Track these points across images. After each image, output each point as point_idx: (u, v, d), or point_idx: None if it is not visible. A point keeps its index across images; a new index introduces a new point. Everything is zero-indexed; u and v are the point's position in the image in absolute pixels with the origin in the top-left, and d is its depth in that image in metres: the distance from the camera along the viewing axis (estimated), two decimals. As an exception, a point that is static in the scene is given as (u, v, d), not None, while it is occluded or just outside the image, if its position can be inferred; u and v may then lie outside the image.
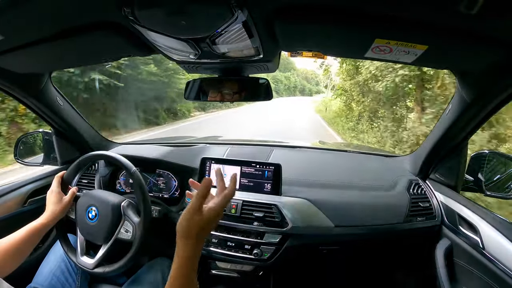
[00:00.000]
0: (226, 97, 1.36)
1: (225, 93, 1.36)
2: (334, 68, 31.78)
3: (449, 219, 1.46)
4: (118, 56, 1.24)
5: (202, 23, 0.83)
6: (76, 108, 1.80)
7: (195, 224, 0.83)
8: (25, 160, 1.90)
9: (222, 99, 1.38)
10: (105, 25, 0.92)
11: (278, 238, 1.49)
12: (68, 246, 1.34)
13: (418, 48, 0.87)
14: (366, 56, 0.98)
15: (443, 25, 0.76)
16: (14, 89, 1.43)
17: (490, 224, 1.20)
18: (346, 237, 1.49)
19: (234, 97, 1.37)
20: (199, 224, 0.84)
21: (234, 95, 1.36)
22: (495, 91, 1.06)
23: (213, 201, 0.89)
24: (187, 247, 0.83)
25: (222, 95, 1.36)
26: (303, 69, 59.46)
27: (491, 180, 1.44)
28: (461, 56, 0.98)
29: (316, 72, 67.33)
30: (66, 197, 1.31)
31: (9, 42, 1.00)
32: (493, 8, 0.64)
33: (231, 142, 2.27)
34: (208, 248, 1.57)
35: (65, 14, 0.86)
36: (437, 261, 1.41)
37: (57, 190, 1.31)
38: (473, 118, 1.24)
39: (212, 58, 1.15)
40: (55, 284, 1.32)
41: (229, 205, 1.54)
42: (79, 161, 1.38)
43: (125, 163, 1.32)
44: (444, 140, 1.43)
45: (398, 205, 1.52)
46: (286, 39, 0.99)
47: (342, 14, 0.77)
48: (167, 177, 1.82)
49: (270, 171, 1.58)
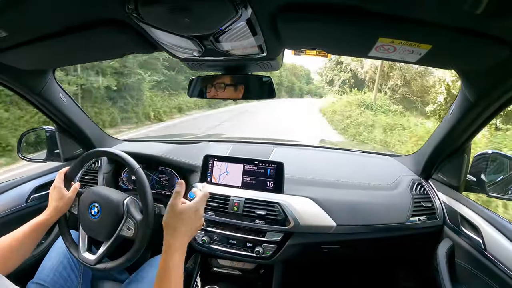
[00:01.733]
0: (229, 94, 1.36)
1: (228, 91, 1.36)
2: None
3: (451, 220, 1.45)
4: (121, 53, 1.24)
5: (205, 21, 0.83)
6: (79, 104, 1.81)
7: (175, 218, 0.96)
8: (28, 156, 1.91)
9: (225, 96, 1.38)
10: (109, 22, 0.92)
11: (280, 236, 1.49)
12: (70, 242, 1.34)
13: (422, 47, 0.87)
14: (370, 55, 0.98)
15: (448, 25, 0.76)
16: (18, 85, 1.43)
17: (492, 225, 1.20)
18: (348, 236, 1.49)
19: (237, 94, 1.37)
20: (179, 218, 0.96)
21: (237, 92, 1.36)
22: (499, 91, 1.05)
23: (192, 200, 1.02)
24: (171, 239, 0.94)
25: (225, 92, 1.37)
26: (291, 64, 50.96)
27: (494, 181, 1.43)
28: (465, 55, 0.97)
29: (305, 67, 61.78)
30: (69, 192, 1.31)
31: (12, 38, 1.00)
32: (498, 7, 0.63)
33: (233, 140, 2.27)
34: (210, 245, 1.58)
35: (69, 11, 0.86)
36: (439, 261, 1.40)
37: (59, 185, 1.31)
38: (476, 118, 1.24)
39: (215, 55, 1.15)
40: (58, 280, 1.32)
41: (231, 203, 1.55)
42: (82, 157, 1.38)
43: (128, 160, 1.32)
44: (447, 140, 1.43)
45: (401, 205, 1.52)
46: (289, 37, 0.99)
47: (346, 12, 0.77)
48: (170, 174, 1.82)
49: (273, 169, 1.58)
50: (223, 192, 1.61)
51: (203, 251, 1.64)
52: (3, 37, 0.95)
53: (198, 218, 1.00)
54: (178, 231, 0.95)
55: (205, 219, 1.57)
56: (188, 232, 0.97)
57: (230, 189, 1.62)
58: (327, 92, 35.14)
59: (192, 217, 0.98)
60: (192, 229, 0.98)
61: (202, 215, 1.02)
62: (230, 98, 1.39)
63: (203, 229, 1.59)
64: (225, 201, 1.58)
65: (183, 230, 0.96)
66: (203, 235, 1.60)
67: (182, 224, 0.96)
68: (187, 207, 0.98)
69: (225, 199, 1.58)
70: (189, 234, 0.98)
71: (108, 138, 2.13)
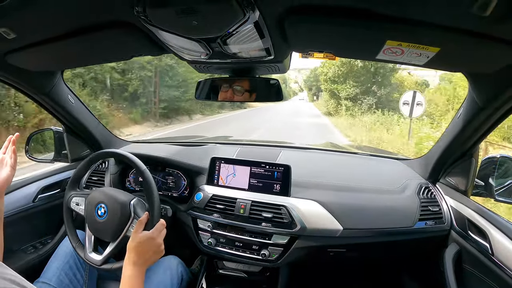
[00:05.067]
0: (237, 97, 1.37)
1: (236, 93, 1.36)
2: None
3: (459, 224, 1.44)
4: (129, 55, 1.25)
5: (213, 24, 0.84)
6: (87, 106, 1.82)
7: (135, 243, 1.11)
8: (36, 157, 1.93)
9: (232, 99, 1.39)
10: (117, 24, 0.93)
11: (286, 239, 1.49)
12: (76, 242, 1.35)
13: (430, 50, 0.87)
14: (378, 58, 0.98)
15: (456, 27, 0.76)
16: (26, 86, 1.45)
17: (500, 230, 1.19)
18: (355, 240, 1.48)
19: (244, 97, 1.37)
20: (138, 243, 1.11)
21: (244, 95, 1.36)
22: (508, 95, 1.04)
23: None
24: (129, 259, 1.09)
25: (233, 95, 1.37)
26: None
27: (502, 185, 1.42)
28: (473, 59, 0.97)
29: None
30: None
31: (21, 40, 1.02)
32: (506, 10, 0.63)
33: (241, 143, 2.28)
34: (216, 247, 1.58)
35: (77, 13, 0.87)
36: (445, 266, 1.39)
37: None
38: (484, 121, 1.23)
39: (223, 58, 1.15)
40: (63, 280, 1.33)
41: (238, 205, 1.55)
42: (90, 158, 1.39)
43: (135, 161, 1.32)
44: (455, 144, 1.42)
45: (408, 209, 1.50)
46: (297, 40, 0.99)
47: (353, 15, 0.77)
48: (177, 176, 1.83)
49: (280, 172, 1.58)
50: (230, 195, 1.60)
51: (209, 253, 1.64)
52: (12, 38, 0.96)
53: (155, 245, 1.14)
54: (136, 253, 1.10)
55: (211, 221, 1.57)
56: (145, 255, 1.11)
57: (236, 192, 1.62)
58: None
59: (149, 244, 1.12)
60: (150, 255, 1.12)
61: (160, 243, 1.16)
62: (238, 100, 1.39)
63: (209, 231, 1.59)
64: (232, 203, 1.57)
65: (141, 253, 1.10)
66: (209, 237, 1.60)
67: (141, 249, 1.11)
68: (144, 235, 1.13)
69: (232, 202, 1.58)
70: (146, 257, 1.11)
71: (115, 139, 2.14)
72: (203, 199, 1.61)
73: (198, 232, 1.63)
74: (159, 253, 1.16)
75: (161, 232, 1.18)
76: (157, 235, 1.15)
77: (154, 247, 1.13)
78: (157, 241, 1.14)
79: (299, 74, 67.91)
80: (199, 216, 1.62)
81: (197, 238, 1.63)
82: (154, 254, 1.14)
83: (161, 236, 1.18)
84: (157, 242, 1.14)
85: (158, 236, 1.16)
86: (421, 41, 0.84)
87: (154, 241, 1.13)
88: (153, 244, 1.13)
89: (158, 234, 1.16)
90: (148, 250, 1.12)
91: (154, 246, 1.13)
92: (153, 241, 1.13)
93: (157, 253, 1.15)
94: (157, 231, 1.15)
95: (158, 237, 1.15)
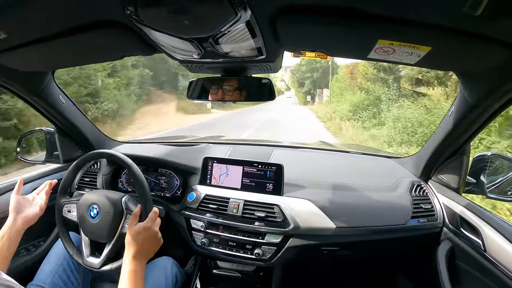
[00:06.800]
0: (228, 96, 1.37)
1: (227, 93, 1.36)
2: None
3: (451, 221, 1.45)
4: (121, 55, 1.24)
5: (205, 23, 0.83)
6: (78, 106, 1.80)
7: (132, 236, 1.11)
8: (27, 158, 1.91)
9: (224, 98, 1.38)
10: (108, 24, 0.92)
11: (280, 239, 1.49)
12: (73, 249, 1.34)
13: (421, 49, 0.87)
14: (369, 57, 0.98)
15: (447, 27, 0.76)
16: (17, 87, 1.44)
17: (492, 227, 1.20)
18: (348, 238, 1.49)
19: (236, 96, 1.37)
20: (135, 236, 1.11)
21: (236, 94, 1.36)
22: (498, 93, 1.05)
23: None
24: (129, 253, 1.09)
25: (224, 94, 1.37)
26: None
27: (493, 182, 1.43)
28: (465, 57, 0.97)
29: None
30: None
31: (12, 40, 1.00)
32: (497, 9, 0.63)
33: (233, 142, 2.27)
34: (209, 247, 1.58)
35: (68, 12, 0.86)
36: (439, 263, 1.40)
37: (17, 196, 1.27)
38: (475, 120, 1.24)
39: (215, 57, 1.15)
40: (57, 282, 1.32)
41: (230, 205, 1.55)
42: (76, 163, 1.38)
43: (121, 157, 1.31)
44: (447, 142, 1.43)
45: (400, 207, 1.51)
46: (289, 39, 0.99)
47: (345, 14, 0.77)
48: (169, 176, 1.82)
49: (272, 171, 1.58)
50: (223, 194, 1.60)
51: (203, 253, 1.64)
52: (2, 38, 0.95)
53: (152, 234, 1.15)
54: (135, 246, 1.10)
55: (204, 221, 1.57)
56: (144, 247, 1.12)
57: (229, 191, 1.62)
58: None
59: (146, 234, 1.13)
60: (149, 245, 1.14)
61: (156, 231, 1.17)
62: (230, 100, 1.39)
63: (202, 231, 1.59)
64: (225, 203, 1.57)
65: (139, 245, 1.11)
66: (203, 237, 1.59)
67: (139, 241, 1.11)
68: (138, 226, 1.14)
69: (225, 201, 1.58)
70: (145, 248, 1.12)
71: (107, 140, 2.13)
72: (196, 199, 1.61)
73: (191, 232, 1.62)
74: (157, 243, 1.17)
75: (156, 220, 1.19)
76: (152, 223, 1.16)
77: (151, 236, 1.14)
78: (153, 229, 1.15)
79: (285, 72, 67.76)
80: (192, 216, 1.61)
81: (191, 238, 1.63)
82: (152, 244, 1.15)
83: (156, 225, 1.18)
84: (153, 231, 1.15)
85: (153, 224, 1.16)
86: (412, 40, 0.84)
87: (150, 230, 1.14)
88: (150, 233, 1.14)
89: (153, 222, 1.17)
90: (146, 240, 1.12)
91: (151, 235, 1.14)
92: (149, 230, 1.14)
93: (155, 243, 1.16)
94: (151, 220, 1.16)
95: (153, 226, 1.16)
